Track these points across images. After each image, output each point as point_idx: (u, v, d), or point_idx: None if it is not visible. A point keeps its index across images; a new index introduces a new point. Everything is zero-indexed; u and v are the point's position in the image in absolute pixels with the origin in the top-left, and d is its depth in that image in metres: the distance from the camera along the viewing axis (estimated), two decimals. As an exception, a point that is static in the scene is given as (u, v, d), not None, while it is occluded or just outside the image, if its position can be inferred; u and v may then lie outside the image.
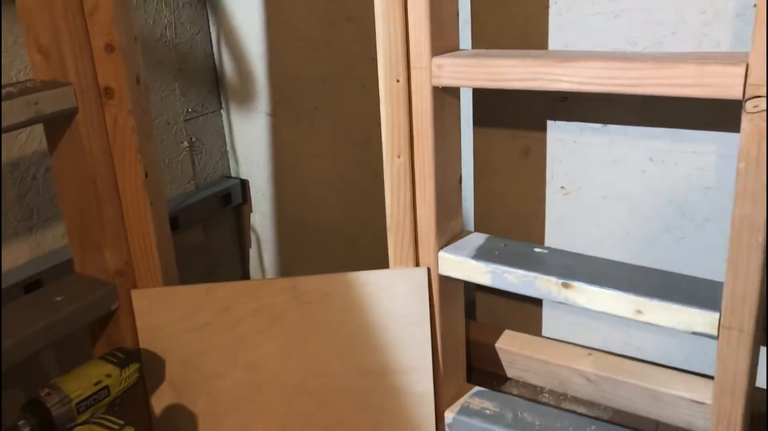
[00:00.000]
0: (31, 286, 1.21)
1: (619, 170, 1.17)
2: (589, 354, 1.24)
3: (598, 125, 1.17)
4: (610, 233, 1.21)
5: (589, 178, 1.20)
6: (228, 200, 1.63)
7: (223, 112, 1.63)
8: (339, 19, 1.39)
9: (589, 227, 1.23)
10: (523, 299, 1.03)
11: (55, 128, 1.05)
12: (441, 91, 1.01)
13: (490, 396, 1.17)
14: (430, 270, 1.09)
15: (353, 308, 1.11)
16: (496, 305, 1.38)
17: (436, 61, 0.97)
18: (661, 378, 1.16)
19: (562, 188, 1.23)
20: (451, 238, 1.11)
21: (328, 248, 1.60)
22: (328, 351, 1.12)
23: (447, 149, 1.05)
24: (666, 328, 0.90)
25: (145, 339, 1.12)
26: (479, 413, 1.13)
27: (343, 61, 1.42)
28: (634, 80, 0.83)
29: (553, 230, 1.27)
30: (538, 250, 1.07)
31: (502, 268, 1.02)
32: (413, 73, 1.00)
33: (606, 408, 1.20)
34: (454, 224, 1.12)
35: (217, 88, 1.61)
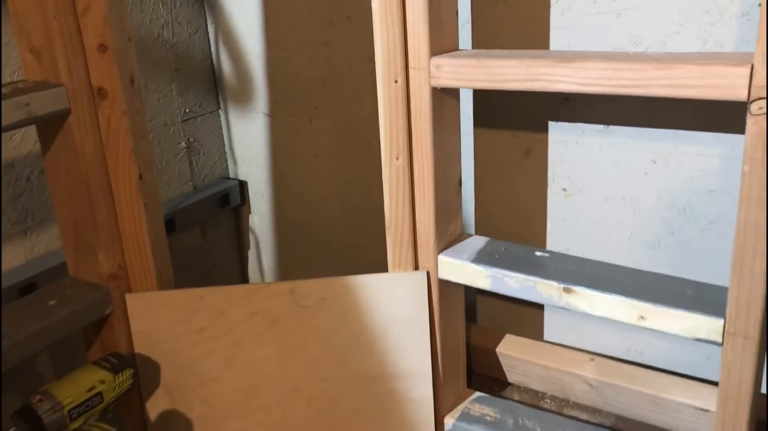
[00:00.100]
0: (26, 289, 1.20)
1: (622, 172, 1.15)
2: (592, 359, 1.23)
3: (600, 126, 1.15)
4: (613, 235, 1.19)
5: (592, 180, 1.18)
6: (226, 202, 1.62)
7: (221, 112, 1.61)
8: (338, 18, 1.37)
9: (591, 230, 1.21)
10: (525, 302, 1.02)
11: (48, 129, 1.03)
12: (440, 91, 0.99)
13: (490, 402, 1.16)
14: (429, 274, 1.07)
15: (351, 312, 1.10)
16: (497, 308, 1.37)
17: (435, 62, 0.96)
18: (664, 384, 1.14)
19: (564, 189, 1.22)
20: (450, 241, 1.10)
21: (328, 250, 1.58)
22: (325, 355, 1.11)
23: (446, 151, 1.04)
24: (669, 334, 0.88)
25: (140, 343, 1.11)
26: (479, 419, 1.12)
27: (342, 61, 1.40)
28: (636, 81, 0.82)
29: (554, 233, 1.25)
30: (539, 253, 1.05)
31: (503, 272, 1.01)
32: (412, 74, 0.98)
33: (608, 414, 1.19)
34: (454, 226, 1.10)
35: (215, 88, 1.59)
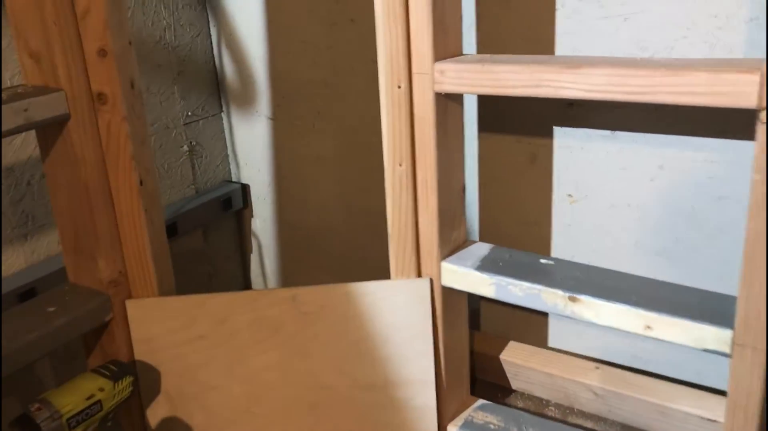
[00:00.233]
0: (25, 294, 1.19)
1: (628, 178, 1.14)
2: (597, 367, 1.21)
3: (606, 132, 1.13)
4: (619, 242, 1.18)
5: (597, 186, 1.17)
6: (228, 205, 1.61)
7: (224, 115, 1.60)
8: (341, 21, 1.36)
9: (597, 237, 1.20)
10: (529, 308, 1.01)
11: (47, 134, 1.02)
12: (444, 97, 0.97)
13: (494, 410, 1.14)
14: (432, 281, 1.06)
15: (353, 320, 1.08)
16: (502, 314, 1.35)
17: (439, 67, 0.94)
18: (670, 393, 1.13)
19: (569, 196, 1.20)
20: (454, 248, 1.08)
21: (330, 254, 1.57)
22: (327, 363, 1.10)
23: (450, 157, 1.02)
24: (676, 344, 0.87)
25: (141, 350, 1.10)
26: (483, 427, 1.11)
27: (345, 65, 1.39)
28: (643, 88, 0.80)
29: (559, 240, 1.24)
30: (544, 261, 1.04)
31: (507, 280, 0.99)
32: (415, 79, 0.97)
33: (613, 423, 1.17)
34: (458, 233, 1.09)
35: (218, 91, 1.58)
